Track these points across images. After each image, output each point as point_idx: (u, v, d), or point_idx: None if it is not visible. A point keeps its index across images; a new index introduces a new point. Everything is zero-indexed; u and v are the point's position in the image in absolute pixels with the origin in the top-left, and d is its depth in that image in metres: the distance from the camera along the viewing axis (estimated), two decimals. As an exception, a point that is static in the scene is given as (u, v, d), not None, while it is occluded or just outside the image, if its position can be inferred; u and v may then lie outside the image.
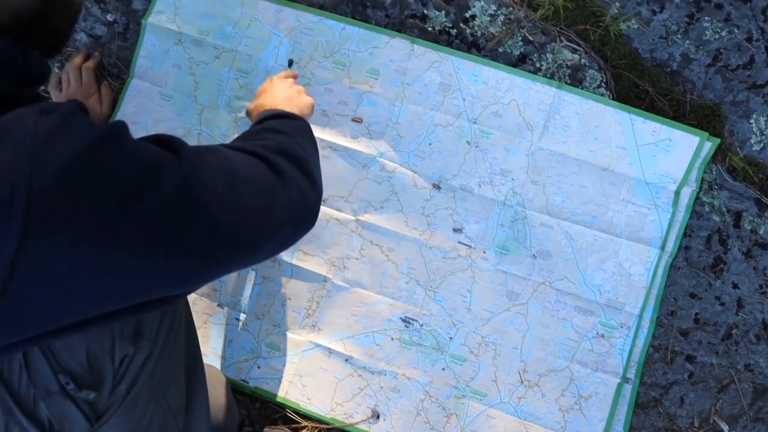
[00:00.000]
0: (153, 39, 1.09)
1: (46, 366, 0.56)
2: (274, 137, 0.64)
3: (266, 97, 0.83)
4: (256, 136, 0.66)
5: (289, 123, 0.70)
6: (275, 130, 0.67)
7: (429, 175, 1.02)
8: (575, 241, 0.99)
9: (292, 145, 0.63)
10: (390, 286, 1.01)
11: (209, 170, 0.49)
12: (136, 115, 1.09)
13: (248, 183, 0.53)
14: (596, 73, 1.01)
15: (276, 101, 0.81)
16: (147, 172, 0.44)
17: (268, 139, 0.64)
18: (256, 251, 0.55)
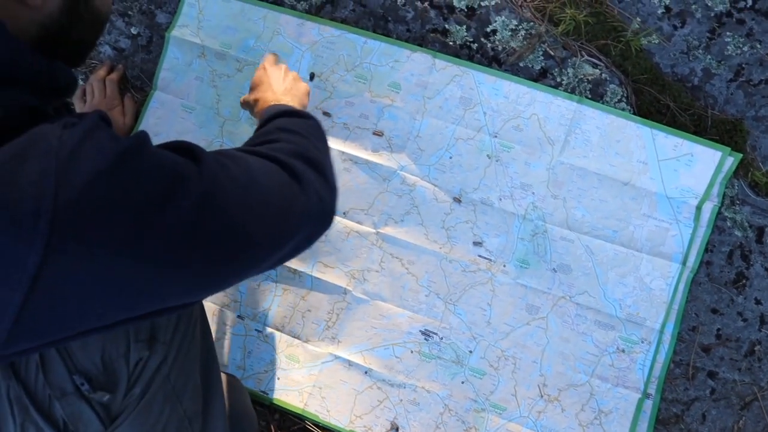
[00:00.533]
0: (176, 52, 1.11)
1: (62, 366, 0.57)
2: (289, 138, 0.65)
3: (265, 90, 0.83)
4: (270, 136, 0.66)
5: (301, 122, 0.71)
6: (288, 130, 0.67)
7: (449, 189, 1.02)
8: (596, 255, 0.99)
9: (306, 147, 0.64)
10: (410, 299, 1.02)
11: (228, 177, 0.49)
12: (158, 127, 1.10)
13: (267, 189, 0.53)
14: (617, 87, 1.02)
15: (277, 94, 0.81)
16: (169, 185, 0.44)
17: (282, 141, 0.64)
18: (272, 257, 0.55)
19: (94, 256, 0.40)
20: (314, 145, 0.66)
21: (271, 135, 0.66)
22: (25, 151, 0.40)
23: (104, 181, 0.40)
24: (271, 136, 0.66)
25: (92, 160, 0.40)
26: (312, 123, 0.72)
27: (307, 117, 0.73)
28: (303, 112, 0.75)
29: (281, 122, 0.70)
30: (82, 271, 0.40)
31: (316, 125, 0.73)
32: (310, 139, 0.66)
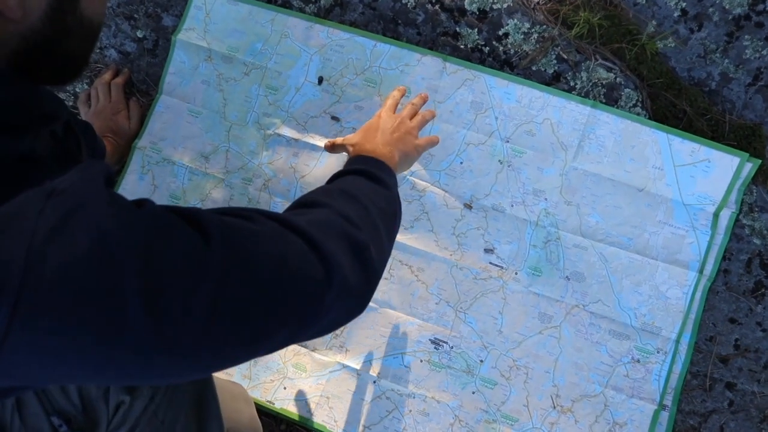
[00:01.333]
0: (182, 55, 1.11)
1: (39, 408, 0.55)
2: (342, 208, 0.57)
3: (368, 137, 0.78)
4: (324, 198, 0.59)
5: (372, 190, 0.64)
6: (351, 195, 0.60)
7: (460, 195, 1.02)
8: (610, 263, 0.98)
9: (358, 224, 0.56)
10: (419, 307, 1.01)
11: (241, 264, 0.43)
12: (164, 131, 1.10)
13: (285, 281, 0.46)
14: (632, 92, 1.01)
15: (377, 145, 0.76)
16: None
17: (333, 209, 0.57)
18: (282, 345, 0.50)
19: (64, 341, 0.36)
20: (371, 222, 0.59)
21: (326, 197, 0.59)
22: (1, 224, 0.35)
23: (82, 270, 0.35)
24: (325, 198, 0.59)
25: (70, 247, 0.35)
26: (386, 194, 0.66)
27: (385, 185, 0.67)
28: (384, 178, 0.68)
29: (350, 183, 0.65)
30: (49, 351, 0.36)
31: (389, 198, 0.66)
32: (369, 213, 0.60)
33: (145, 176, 1.10)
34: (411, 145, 0.81)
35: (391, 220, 0.65)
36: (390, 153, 0.76)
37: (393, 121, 0.82)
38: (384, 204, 0.64)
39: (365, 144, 0.77)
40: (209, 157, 1.09)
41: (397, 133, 0.81)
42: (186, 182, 1.10)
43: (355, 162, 0.72)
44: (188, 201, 1.08)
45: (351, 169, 0.69)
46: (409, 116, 0.85)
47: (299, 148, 1.07)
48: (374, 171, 0.68)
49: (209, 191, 1.08)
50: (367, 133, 0.80)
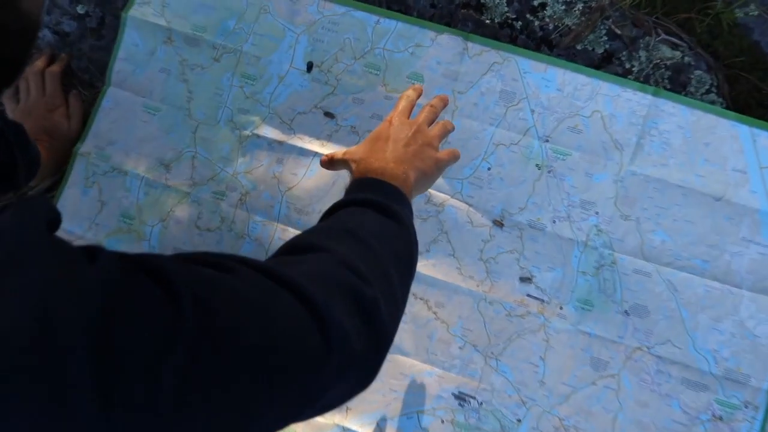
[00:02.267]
0: (135, 37, 1.09)
1: None
2: (346, 253, 0.56)
3: (376, 151, 0.76)
4: (322, 241, 0.58)
5: (383, 226, 0.63)
6: (354, 235, 0.59)
7: (488, 209, 1.00)
8: (680, 293, 0.96)
9: (366, 277, 0.55)
10: (439, 353, 0.99)
11: (218, 335, 0.42)
12: (113, 134, 1.09)
13: (273, 354, 0.45)
14: (704, 74, 0.99)
15: (387, 162, 0.74)
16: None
17: (333, 253, 0.56)
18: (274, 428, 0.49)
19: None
20: (382, 272, 0.58)
21: (325, 239, 0.59)
22: None
23: (14, 355, 0.34)
24: (323, 240, 0.58)
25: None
26: (400, 232, 0.65)
27: (399, 220, 0.66)
28: (397, 211, 0.67)
29: (356, 218, 0.63)
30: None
31: (405, 238, 0.65)
32: (380, 260, 0.58)
33: (89, 190, 1.08)
34: (431, 160, 0.80)
35: (406, 267, 0.64)
36: (404, 173, 0.75)
37: (407, 130, 0.80)
38: (398, 246, 0.63)
39: (372, 161, 0.75)
40: (171, 165, 1.08)
41: (414, 145, 0.79)
42: (142, 197, 1.08)
43: (361, 187, 0.71)
44: (145, 221, 1.06)
45: (356, 198, 0.68)
46: (427, 122, 0.84)
47: (284, 153, 1.05)
48: (385, 201, 0.68)
49: (171, 208, 1.07)
50: (375, 144, 0.79)
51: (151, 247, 1.05)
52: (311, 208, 1.02)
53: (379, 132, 0.80)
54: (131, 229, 1.06)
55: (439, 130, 0.84)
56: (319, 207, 1.02)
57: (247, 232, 1.04)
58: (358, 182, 0.72)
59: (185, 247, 1.04)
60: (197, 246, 1.04)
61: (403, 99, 0.85)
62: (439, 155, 0.82)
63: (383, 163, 0.74)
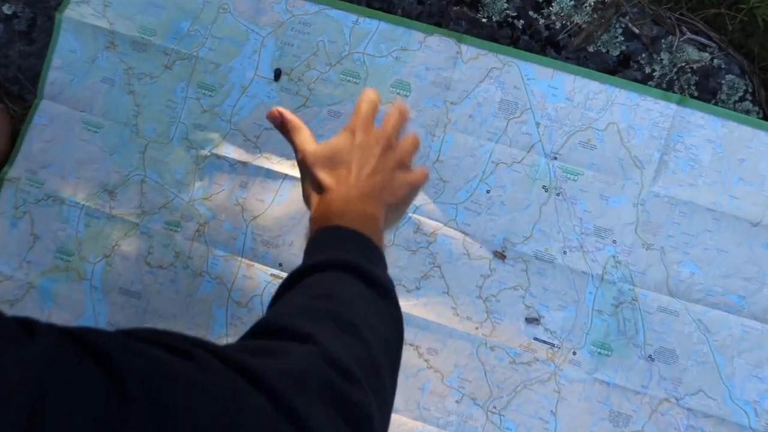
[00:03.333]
0: (72, 41, 1.13)
1: None
2: (333, 346, 0.55)
3: (339, 181, 0.76)
4: (304, 324, 0.57)
5: (369, 302, 0.63)
6: (343, 321, 0.59)
7: (488, 239, 1.04)
8: (713, 334, 1.00)
9: (356, 374, 0.54)
10: (433, 408, 1.02)
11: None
12: (47, 155, 1.12)
13: None
14: (737, 79, 1.03)
15: (352, 200, 0.74)
16: None
17: (317, 343, 0.55)
18: None
19: None
20: (374, 369, 0.58)
21: (307, 320, 0.58)
22: None
23: None
24: (305, 323, 0.57)
25: None
26: (387, 310, 0.65)
27: (384, 291, 0.66)
28: (379, 277, 0.67)
29: (340, 294, 0.62)
30: None
31: (393, 317, 0.66)
32: (371, 352, 0.58)
33: (19, 222, 1.12)
34: (403, 188, 0.80)
35: (396, 356, 0.64)
36: (376, 213, 0.75)
37: (375, 147, 0.78)
38: (388, 332, 0.63)
39: (335, 198, 0.75)
40: (116, 191, 1.11)
41: (383, 172, 0.78)
42: (82, 229, 1.11)
43: (329, 240, 0.70)
44: (85, 257, 1.10)
45: (333, 259, 0.66)
46: (397, 133, 0.82)
47: (249, 176, 1.09)
48: (368, 267, 0.67)
49: (116, 242, 1.10)
50: (336, 170, 0.77)
51: (92, 287, 1.09)
52: (281, 239, 1.06)
53: (339, 149, 0.79)
54: (69, 266, 1.10)
55: (410, 144, 0.83)
56: (290, 238, 1.07)
57: (206, 269, 1.08)
58: (326, 231, 0.72)
59: (133, 288, 1.09)
60: (147, 286, 1.08)
61: (364, 102, 0.81)
62: (413, 178, 0.81)
63: (347, 203, 0.74)
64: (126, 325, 1.07)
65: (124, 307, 1.08)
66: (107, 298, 1.08)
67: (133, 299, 1.08)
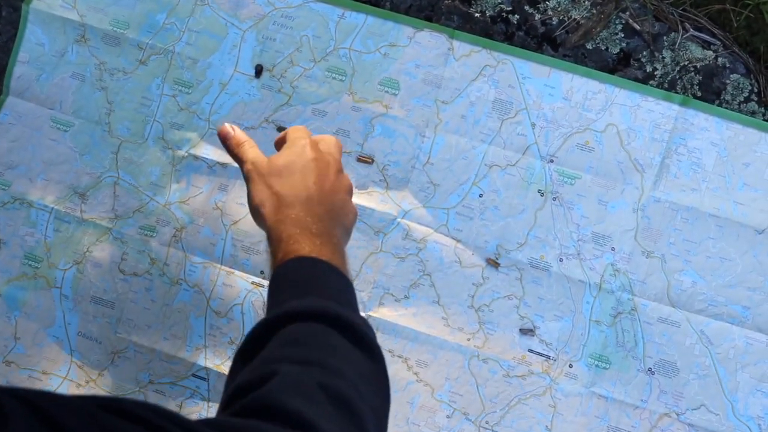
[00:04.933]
0: (40, 34, 1.11)
1: None
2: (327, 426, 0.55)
3: (294, 199, 0.76)
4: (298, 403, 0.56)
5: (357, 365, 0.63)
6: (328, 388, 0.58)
7: (480, 245, 1.02)
8: (716, 346, 0.98)
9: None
10: (422, 423, 1.01)
11: None
12: (13, 155, 1.11)
13: None
14: (743, 79, 1.01)
15: (312, 210, 0.74)
16: None
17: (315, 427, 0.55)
18: None
19: None
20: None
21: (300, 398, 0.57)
22: None
23: None
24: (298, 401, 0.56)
25: None
26: (373, 372, 0.65)
27: (368, 347, 0.66)
28: (367, 337, 0.66)
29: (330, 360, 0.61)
30: None
31: (380, 382, 0.66)
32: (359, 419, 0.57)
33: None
34: (352, 214, 0.81)
35: (385, 423, 0.64)
36: (340, 242, 0.76)
37: (332, 167, 0.79)
38: (376, 400, 0.62)
39: (300, 217, 0.74)
40: (87, 193, 1.09)
41: (341, 194, 0.79)
42: (51, 234, 1.09)
43: (307, 278, 0.70)
44: (55, 263, 1.08)
45: (315, 309, 0.65)
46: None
47: (229, 178, 1.07)
48: (349, 316, 0.66)
49: (87, 248, 1.08)
50: (293, 182, 0.77)
51: (62, 296, 1.07)
52: (262, 246, 1.04)
53: (293, 161, 0.79)
54: (38, 274, 1.08)
55: (348, 177, 0.84)
56: (272, 245, 1.03)
57: (184, 276, 1.06)
58: (301, 265, 0.71)
59: (105, 296, 1.07)
60: (120, 294, 1.06)
61: (300, 130, 0.84)
62: (355, 209, 0.82)
63: (304, 215, 0.74)
64: (98, 335, 1.06)
65: (96, 317, 1.06)
66: (78, 307, 1.06)
67: (105, 308, 1.06)
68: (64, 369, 1.06)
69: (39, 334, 1.07)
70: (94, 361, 1.06)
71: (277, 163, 0.79)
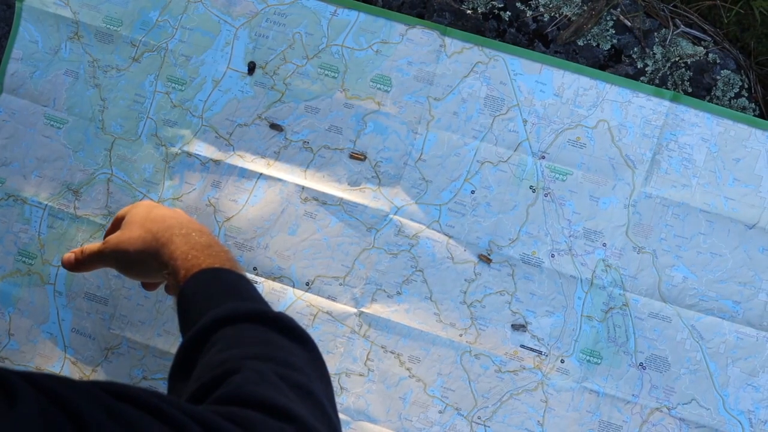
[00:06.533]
0: (33, 31, 1.12)
1: None
2: (303, 412, 0.59)
3: (182, 233, 0.84)
4: (278, 398, 0.60)
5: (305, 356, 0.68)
6: (287, 378, 0.62)
7: (472, 242, 1.03)
8: (707, 341, 0.99)
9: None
10: (414, 419, 1.02)
11: None
12: (7, 152, 1.11)
13: None
14: (733, 75, 1.02)
15: (203, 239, 0.83)
16: None
17: (296, 419, 0.58)
18: None
19: None
20: (328, 420, 0.61)
21: (278, 395, 0.60)
22: None
23: None
24: (278, 397, 0.59)
25: None
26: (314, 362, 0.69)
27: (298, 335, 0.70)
28: (279, 316, 0.71)
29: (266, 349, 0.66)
30: None
31: (318, 365, 0.70)
32: (320, 403, 0.62)
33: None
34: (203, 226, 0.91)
35: (334, 403, 0.67)
36: (222, 249, 0.84)
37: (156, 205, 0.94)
38: (322, 385, 0.66)
39: (172, 238, 0.83)
40: (81, 190, 1.10)
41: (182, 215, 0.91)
42: (44, 231, 1.10)
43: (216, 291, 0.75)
44: (49, 260, 1.09)
45: (234, 311, 0.70)
46: None
47: (221, 175, 1.08)
48: (272, 313, 0.72)
49: (81, 244, 1.09)
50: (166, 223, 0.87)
51: (56, 292, 1.08)
52: (255, 242, 1.05)
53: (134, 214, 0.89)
54: (31, 270, 1.09)
55: None
56: (264, 241, 1.06)
57: (177, 272, 1.06)
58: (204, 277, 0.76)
59: (99, 293, 1.07)
60: (114, 291, 1.06)
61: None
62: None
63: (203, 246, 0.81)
64: (92, 331, 1.06)
65: (89, 313, 1.07)
66: (72, 304, 1.07)
67: (99, 305, 1.07)
68: (58, 365, 1.07)
69: (33, 331, 1.08)
70: (88, 357, 1.07)
71: (129, 217, 0.90)
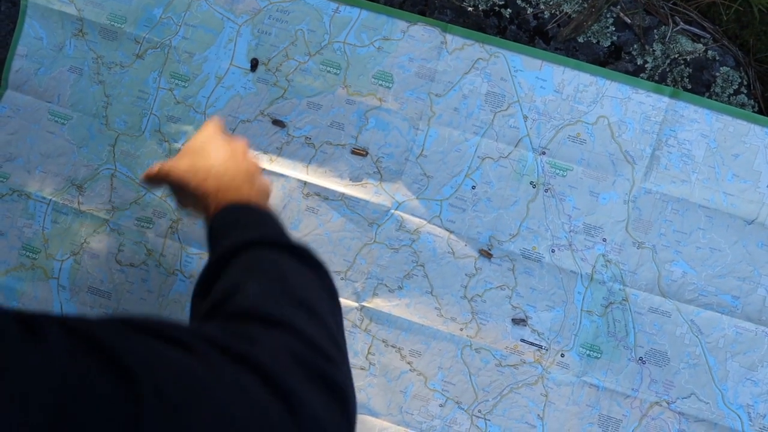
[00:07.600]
0: (38, 28, 1.12)
1: None
2: (309, 331, 0.62)
3: (217, 172, 0.85)
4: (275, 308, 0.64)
5: (310, 279, 0.71)
6: (305, 304, 0.66)
7: (473, 237, 1.04)
8: (706, 335, 1.00)
9: (335, 358, 0.61)
10: (416, 412, 1.03)
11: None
12: (12, 148, 1.12)
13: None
14: (732, 71, 1.03)
15: (234, 181, 0.84)
16: None
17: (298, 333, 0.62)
18: None
19: None
20: (339, 347, 0.64)
21: (279, 309, 0.64)
22: None
23: None
24: (277, 310, 0.64)
25: None
26: (322, 283, 0.72)
27: (316, 264, 0.73)
28: (307, 252, 0.74)
29: (276, 271, 0.70)
30: None
31: (331, 290, 0.73)
32: (328, 327, 0.65)
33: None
34: (264, 180, 0.91)
35: (341, 324, 0.71)
36: (260, 194, 0.86)
37: (225, 143, 0.89)
38: (329, 305, 0.69)
39: (221, 187, 0.83)
40: (84, 185, 1.11)
41: (238, 154, 0.88)
42: (49, 226, 1.11)
43: (242, 221, 0.78)
44: (52, 254, 1.10)
45: (255, 238, 0.74)
46: None
47: None
48: (291, 241, 0.75)
49: (85, 239, 1.10)
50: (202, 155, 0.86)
51: (60, 286, 1.09)
52: (258, 237, 1.06)
53: (201, 142, 0.89)
54: (35, 264, 1.10)
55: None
56: (267, 236, 1.05)
57: (180, 267, 1.08)
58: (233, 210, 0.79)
59: (102, 287, 1.08)
60: (117, 285, 1.07)
61: (212, 119, 0.94)
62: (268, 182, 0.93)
63: (230, 182, 0.83)
64: None
65: (93, 307, 1.08)
66: (75, 298, 1.08)
67: (102, 299, 1.08)
68: (61, 359, 1.08)
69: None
70: (92, 352, 1.08)
71: (188, 144, 0.90)
